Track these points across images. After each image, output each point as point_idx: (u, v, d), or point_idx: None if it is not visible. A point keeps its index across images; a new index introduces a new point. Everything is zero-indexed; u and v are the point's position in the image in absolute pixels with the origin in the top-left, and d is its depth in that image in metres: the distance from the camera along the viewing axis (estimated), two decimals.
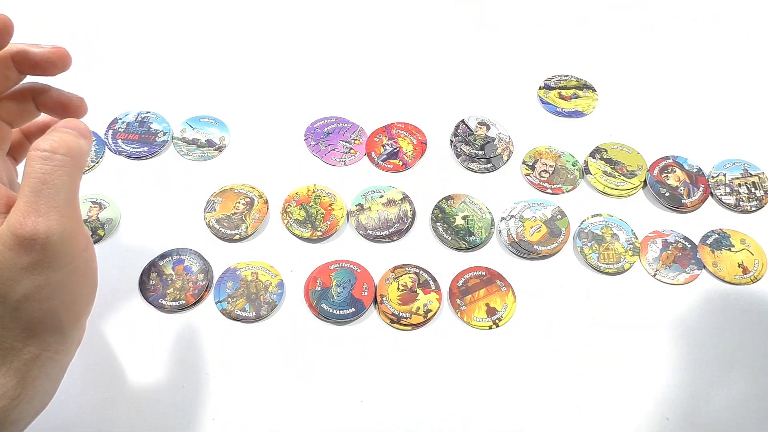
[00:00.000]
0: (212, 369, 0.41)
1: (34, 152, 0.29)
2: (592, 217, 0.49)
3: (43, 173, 0.29)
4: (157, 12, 0.62)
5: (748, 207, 0.50)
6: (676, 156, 0.52)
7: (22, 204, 0.29)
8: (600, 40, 0.61)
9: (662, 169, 0.51)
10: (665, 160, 0.52)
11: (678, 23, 0.63)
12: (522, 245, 0.47)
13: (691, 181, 0.50)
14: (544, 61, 0.59)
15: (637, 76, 0.59)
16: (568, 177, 0.51)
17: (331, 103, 0.55)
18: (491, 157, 0.52)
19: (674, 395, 0.41)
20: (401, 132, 0.54)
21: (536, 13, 0.63)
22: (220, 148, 0.52)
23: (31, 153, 0.29)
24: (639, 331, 0.44)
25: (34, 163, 0.29)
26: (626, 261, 0.47)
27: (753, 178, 0.52)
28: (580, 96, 0.57)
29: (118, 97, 0.55)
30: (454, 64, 0.59)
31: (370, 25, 0.62)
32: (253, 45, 0.59)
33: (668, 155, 0.52)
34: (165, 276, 0.45)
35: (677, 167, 0.51)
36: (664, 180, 0.51)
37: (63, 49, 0.34)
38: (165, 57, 0.58)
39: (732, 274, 0.47)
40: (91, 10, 0.62)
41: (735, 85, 0.58)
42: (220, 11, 0.62)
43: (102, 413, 0.39)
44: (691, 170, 0.51)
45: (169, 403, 0.40)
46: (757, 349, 0.43)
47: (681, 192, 0.50)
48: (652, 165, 0.51)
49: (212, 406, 0.40)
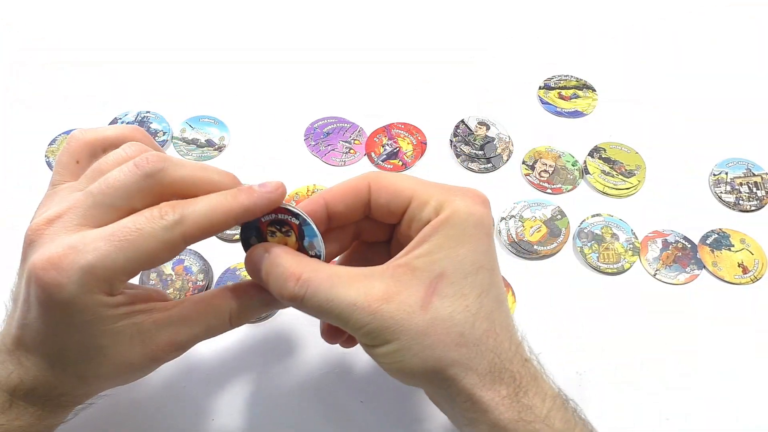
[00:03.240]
0: (212, 369, 0.41)
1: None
2: (591, 217, 0.49)
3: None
4: (157, 12, 0.62)
5: (748, 206, 0.50)
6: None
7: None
8: (600, 40, 0.61)
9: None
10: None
11: (678, 23, 0.63)
12: (522, 245, 0.47)
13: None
14: (544, 61, 0.59)
15: (637, 76, 0.59)
16: (568, 177, 0.51)
17: (331, 103, 0.55)
18: (491, 157, 0.52)
19: (674, 395, 0.41)
20: (401, 132, 0.54)
21: (536, 13, 0.63)
22: (220, 148, 0.52)
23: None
24: (639, 331, 0.44)
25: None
26: (626, 261, 0.47)
27: (755, 178, 0.52)
28: (580, 96, 0.57)
29: (118, 97, 0.55)
30: (454, 64, 0.59)
31: (370, 25, 0.62)
32: (253, 45, 0.60)
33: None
34: (165, 276, 0.45)
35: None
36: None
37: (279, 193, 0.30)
38: (165, 57, 0.58)
39: (732, 273, 0.47)
40: (91, 9, 0.62)
41: (735, 85, 0.58)
42: (220, 11, 0.62)
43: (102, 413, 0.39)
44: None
45: (169, 403, 0.40)
46: (757, 349, 0.43)
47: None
48: None
49: (212, 406, 0.40)
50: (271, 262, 0.29)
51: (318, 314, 0.29)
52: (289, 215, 0.30)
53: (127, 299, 0.29)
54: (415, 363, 0.28)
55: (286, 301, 0.29)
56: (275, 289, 0.29)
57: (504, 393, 0.29)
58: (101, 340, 0.28)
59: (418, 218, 0.30)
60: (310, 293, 0.28)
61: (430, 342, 0.28)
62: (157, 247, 0.27)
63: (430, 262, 0.29)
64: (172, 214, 0.27)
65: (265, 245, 0.30)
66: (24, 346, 0.29)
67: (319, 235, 0.30)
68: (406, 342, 0.28)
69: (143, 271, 0.45)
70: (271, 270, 0.29)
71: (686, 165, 0.52)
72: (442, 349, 0.28)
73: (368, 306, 0.28)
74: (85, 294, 0.27)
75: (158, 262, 0.28)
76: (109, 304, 0.28)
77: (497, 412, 0.28)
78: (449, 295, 0.28)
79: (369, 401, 0.41)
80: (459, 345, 0.28)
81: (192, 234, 0.28)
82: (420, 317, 0.28)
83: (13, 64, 0.58)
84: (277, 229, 0.31)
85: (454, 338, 0.28)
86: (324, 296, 0.28)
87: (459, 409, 0.30)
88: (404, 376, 0.30)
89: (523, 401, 0.29)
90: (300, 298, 0.28)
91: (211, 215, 0.28)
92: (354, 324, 0.28)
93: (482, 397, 0.28)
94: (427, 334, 0.28)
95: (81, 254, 0.26)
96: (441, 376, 0.28)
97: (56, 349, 0.29)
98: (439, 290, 0.28)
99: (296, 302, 0.29)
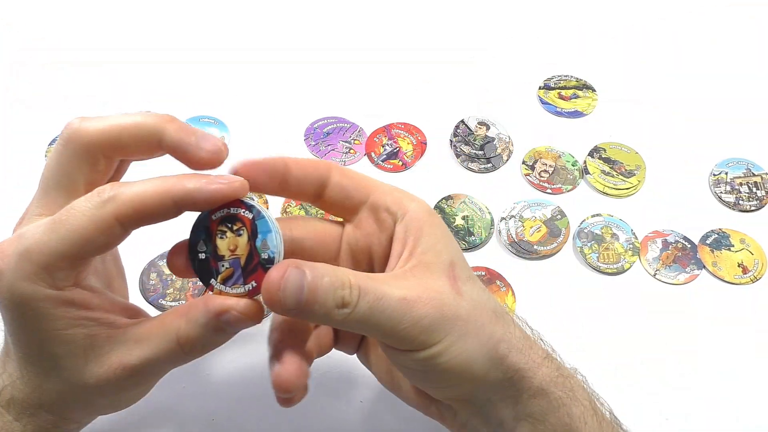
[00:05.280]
0: (212, 369, 0.41)
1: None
2: (591, 217, 0.49)
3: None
4: (157, 12, 0.62)
5: (748, 206, 0.50)
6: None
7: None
8: (600, 40, 0.61)
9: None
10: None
11: (678, 23, 0.63)
12: (522, 245, 0.47)
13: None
14: (544, 61, 0.59)
15: (637, 76, 0.59)
16: (568, 177, 0.51)
17: (331, 103, 0.55)
18: (491, 157, 0.52)
19: (674, 395, 0.41)
20: (401, 132, 0.54)
21: (536, 14, 0.63)
22: None
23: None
24: (639, 331, 0.44)
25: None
26: (626, 261, 0.47)
27: (755, 178, 0.52)
28: (580, 96, 0.57)
29: (118, 97, 0.55)
30: (454, 64, 0.59)
31: (370, 25, 0.62)
32: (253, 45, 0.59)
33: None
34: (165, 276, 0.45)
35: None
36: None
37: (221, 152, 0.29)
38: (165, 57, 0.58)
39: (732, 273, 0.47)
40: (91, 9, 0.62)
41: (735, 85, 0.58)
42: (220, 11, 0.62)
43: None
44: None
45: (170, 403, 0.40)
46: (757, 349, 0.43)
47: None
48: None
49: (212, 406, 0.40)
50: (315, 275, 0.25)
51: (367, 320, 0.26)
52: (242, 208, 0.27)
53: (81, 302, 0.27)
54: (474, 350, 0.27)
55: (334, 314, 0.26)
56: (325, 304, 0.25)
57: (541, 354, 0.30)
58: (54, 347, 0.27)
59: (385, 208, 0.30)
60: (362, 295, 0.26)
61: (480, 324, 0.28)
62: (89, 226, 0.25)
63: (436, 254, 0.28)
64: (108, 192, 0.26)
65: (290, 261, 0.26)
66: (8, 350, 0.29)
67: (275, 230, 0.27)
68: (461, 329, 0.27)
69: (143, 273, 0.45)
70: (319, 284, 0.25)
71: (686, 165, 0.52)
72: (490, 328, 0.28)
73: (419, 298, 0.26)
74: (24, 281, 0.25)
75: (94, 247, 0.26)
76: (52, 299, 0.26)
77: (540, 376, 0.29)
78: (466, 280, 0.29)
79: (369, 401, 0.41)
80: (497, 321, 0.29)
81: (125, 213, 0.26)
82: (462, 302, 0.28)
83: (13, 64, 0.58)
84: (228, 228, 0.28)
85: (491, 316, 0.29)
86: (374, 296, 0.26)
87: (500, 394, 0.29)
88: (458, 374, 0.28)
89: (555, 360, 0.30)
90: (354, 303, 0.26)
91: (148, 194, 0.26)
92: (409, 320, 0.26)
93: (527, 364, 0.29)
94: (473, 318, 0.28)
95: (21, 239, 0.26)
96: (495, 356, 0.28)
97: (21, 353, 0.28)
98: (458, 277, 0.28)
99: (348, 310, 0.26)
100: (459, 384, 0.29)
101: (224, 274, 0.28)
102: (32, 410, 0.29)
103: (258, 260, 0.27)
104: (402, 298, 0.26)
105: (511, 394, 0.29)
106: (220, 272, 0.28)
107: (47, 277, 0.26)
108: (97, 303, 0.28)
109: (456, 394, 0.30)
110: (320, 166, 0.30)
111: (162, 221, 0.27)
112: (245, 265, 0.27)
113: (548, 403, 0.29)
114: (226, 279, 0.28)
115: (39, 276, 0.26)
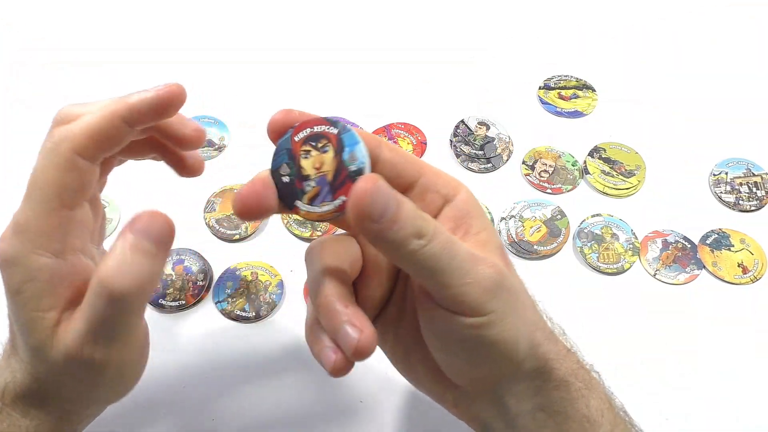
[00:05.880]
0: (212, 369, 0.41)
1: (102, 288, 0.25)
2: (591, 217, 0.49)
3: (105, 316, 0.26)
4: (157, 12, 0.62)
5: (748, 206, 0.50)
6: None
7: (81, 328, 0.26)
8: (600, 40, 0.61)
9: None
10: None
11: (678, 23, 0.63)
12: (522, 245, 0.47)
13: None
14: (543, 61, 0.59)
15: (637, 76, 0.59)
16: (568, 177, 0.51)
17: (331, 103, 0.55)
18: (491, 157, 0.52)
19: (674, 395, 0.41)
20: (401, 132, 0.54)
21: (536, 14, 0.64)
22: (220, 148, 0.52)
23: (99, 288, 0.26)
24: (639, 331, 0.44)
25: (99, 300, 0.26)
26: (626, 261, 0.47)
27: (755, 178, 0.52)
28: (580, 96, 0.57)
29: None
30: (454, 64, 0.59)
31: (370, 25, 0.62)
32: (253, 45, 0.60)
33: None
34: (165, 276, 0.45)
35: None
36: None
37: (203, 132, 0.32)
38: (165, 57, 0.58)
39: (732, 273, 0.47)
40: (91, 10, 0.62)
41: (735, 85, 0.58)
42: (219, 11, 0.62)
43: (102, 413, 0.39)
44: None
45: (169, 403, 0.40)
46: (757, 349, 0.43)
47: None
48: None
49: (212, 406, 0.40)
50: (398, 197, 0.25)
51: (436, 262, 0.25)
52: (326, 125, 0.27)
53: (74, 275, 0.27)
54: (521, 329, 0.27)
55: (409, 243, 0.25)
56: (405, 227, 0.25)
57: (563, 347, 0.30)
58: (34, 326, 0.27)
59: (434, 190, 0.29)
60: (437, 234, 0.25)
61: (526, 305, 0.28)
62: (56, 172, 0.26)
63: (488, 236, 0.28)
64: (57, 134, 0.26)
65: (372, 177, 0.25)
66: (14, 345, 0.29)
67: (361, 141, 0.26)
68: (513, 304, 0.27)
69: None
70: (404, 205, 0.25)
71: (686, 165, 0.52)
72: (532, 313, 0.29)
73: (485, 259, 0.26)
74: (23, 254, 0.26)
75: (72, 190, 0.27)
76: (51, 268, 0.27)
77: (564, 367, 0.29)
78: (511, 264, 0.29)
79: (369, 401, 0.41)
80: (535, 309, 0.29)
81: (82, 145, 0.26)
82: (514, 279, 0.28)
83: (13, 64, 0.58)
84: (312, 146, 0.26)
85: (532, 303, 0.29)
86: (447, 239, 0.25)
87: (528, 383, 0.29)
88: (497, 350, 0.27)
89: (575, 352, 0.30)
90: (430, 237, 0.25)
91: (95, 122, 0.27)
92: (476, 276, 0.26)
93: (556, 354, 0.29)
94: (522, 298, 0.28)
95: (11, 222, 0.27)
96: (532, 342, 0.28)
97: (19, 335, 0.28)
98: (507, 259, 0.29)
99: (423, 241, 0.25)
100: (498, 362, 0.28)
101: (310, 193, 0.26)
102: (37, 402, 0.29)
103: (346, 173, 0.26)
104: (471, 253, 0.26)
105: (536, 384, 0.29)
106: (306, 192, 0.26)
107: (45, 243, 0.26)
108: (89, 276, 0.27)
109: (486, 374, 0.29)
110: (371, 140, 0.28)
111: (121, 144, 0.29)
112: (333, 180, 0.26)
113: (568, 394, 0.29)
114: (312, 198, 0.26)
115: (36, 244, 0.26)
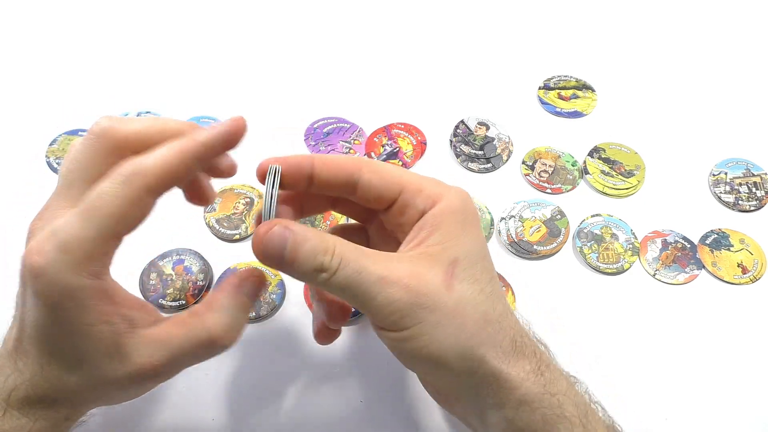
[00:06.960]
0: (212, 369, 0.41)
1: (211, 342, 0.30)
2: (591, 217, 0.49)
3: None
4: (158, 12, 0.62)
5: (748, 206, 0.50)
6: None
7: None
8: (600, 40, 0.61)
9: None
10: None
11: (678, 23, 0.63)
12: (521, 245, 0.47)
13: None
14: (543, 61, 0.59)
15: (637, 76, 0.59)
16: (568, 177, 0.51)
17: (330, 103, 0.55)
18: (491, 157, 0.52)
19: (673, 395, 0.41)
20: (401, 132, 0.54)
21: (536, 13, 0.64)
22: None
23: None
24: (638, 331, 0.44)
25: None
26: (626, 261, 0.47)
27: (755, 178, 0.52)
28: (580, 96, 0.57)
29: (118, 97, 0.55)
30: (454, 64, 0.59)
31: (370, 25, 0.62)
32: (253, 45, 0.60)
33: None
34: (165, 276, 0.45)
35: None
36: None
37: (236, 168, 0.33)
38: (165, 57, 0.58)
39: (731, 273, 0.47)
40: (91, 10, 0.62)
41: (735, 85, 0.58)
42: (220, 11, 0.62)
43: (102, 413, 0.39)
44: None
45: (170, 403, 0.40)
46: (757, 349, 0.43)
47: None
48: None
49: (212, 406, 0.40)
50: (296, 239, 0.28)
51: (344, 289, 0.28)
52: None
53: (112, 293, 0.28)
54: (447, 344, 0.28)
55: (315, 276, 0.28)
56: (304, 264, 0.28)
57: (528, 368, 0.30)
58: (82, 342, 0.28)
59: (413, 206, 0.30)
60: (342, 265, 0.27)
61: (460, 321, 0.28)
62: (123, 205, 0.27)
63: (442, 249, 0.29)
64: (130, 167, 0.27)
65: (280, 221, 0.28)
66: (21, 347, 0.29)
67: (274, 187, 0.30)
68: (437, 320, 0.28)
69: (144, 273, 0.45)
70: (301, 245, 0.28)
71: (686, 165, 0.53)
72: (472, 328, 0.29)
73: (399, 280, 0.28)
74: (67, 274, 0.26)
75: (131, 222, 0.27)
76: (92, 289, 0.27)
77: (524, 388, 0.29)
78: (465, 279, 0.29)
79: (369, 401, 0.41)
80: (485, 324, 0.29)
81: (154, 183, 0.27)
82: (448, 297, 0.28)
83: (13, 64, 0.58)
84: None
85: (480, 318, 0.29)
86: (354, 268, 0.27)
87: (483, 395, 0.30)
88: (429, 363, 0.29)
89: (546, 375, 0.30)
90: (333, 270, 0.27)
91: (168, 160, 0.27)
92: (383, 299, 0.27)
93: (509, 374, 0.29)
94: (456, 314, 0.28)
95: (57, 234, 0.26)
96: (471, 357, 0.29)
97: (49, 348, 0.28)
98: (456, 274, 0.29)
99: (326, 275, 0.27)
100: (429, 373, 0.30)
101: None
102: (47, 404, 0.29)
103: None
104: (381, 277, 0.27)
105: (494, 401, 0.30)
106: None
107: (88, 266, 0.27)
108: (120, 297, 0.29)
109: (433, 382, 0.31)
110: (349, 166, 0.31)
111: (189, 179, 0.30)
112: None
113: (531, 417, 0.29)
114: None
115: (81, 266, 0.26)
